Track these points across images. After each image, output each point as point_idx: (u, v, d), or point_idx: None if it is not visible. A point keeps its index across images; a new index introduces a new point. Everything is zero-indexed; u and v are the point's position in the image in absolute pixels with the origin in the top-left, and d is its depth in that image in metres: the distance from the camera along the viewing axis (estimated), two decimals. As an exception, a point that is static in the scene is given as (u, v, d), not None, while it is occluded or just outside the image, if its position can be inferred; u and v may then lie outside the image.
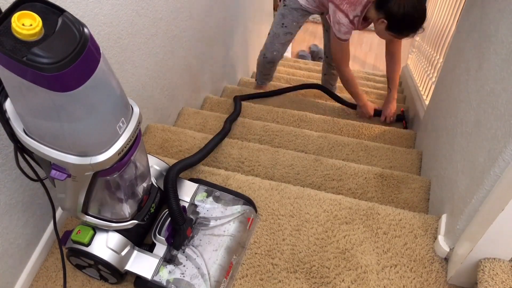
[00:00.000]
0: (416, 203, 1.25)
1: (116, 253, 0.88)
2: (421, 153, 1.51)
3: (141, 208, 0.92)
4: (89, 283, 0.98)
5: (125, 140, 0.68)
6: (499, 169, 0.77)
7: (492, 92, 0.89)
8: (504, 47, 0.88)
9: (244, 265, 1.00)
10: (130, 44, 1.21)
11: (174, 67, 1.57)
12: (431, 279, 0.96)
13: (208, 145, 1.30)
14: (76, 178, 0.69)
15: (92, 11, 1.00)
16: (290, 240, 1.04)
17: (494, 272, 0.82)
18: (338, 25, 1.58)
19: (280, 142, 1.59)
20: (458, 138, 1.07)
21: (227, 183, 1.18)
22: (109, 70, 0.62)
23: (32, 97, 0.55)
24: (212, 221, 1.01)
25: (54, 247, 1.06)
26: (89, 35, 0.56)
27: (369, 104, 1.92)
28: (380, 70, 3.61)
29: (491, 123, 0.86)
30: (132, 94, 1.31)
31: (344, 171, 1.33)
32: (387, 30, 1.54)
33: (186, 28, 1.60)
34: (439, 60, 2.00)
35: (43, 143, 0.63)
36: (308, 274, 0.98)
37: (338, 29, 1.59)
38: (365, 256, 1.00)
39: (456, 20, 1.83)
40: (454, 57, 1.34)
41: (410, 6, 1.44)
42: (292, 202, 1.12)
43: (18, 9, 0.52)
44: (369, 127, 1.77)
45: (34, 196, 0.96)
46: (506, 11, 0.91)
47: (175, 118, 1.73)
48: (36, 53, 0.50)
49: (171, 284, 0.89)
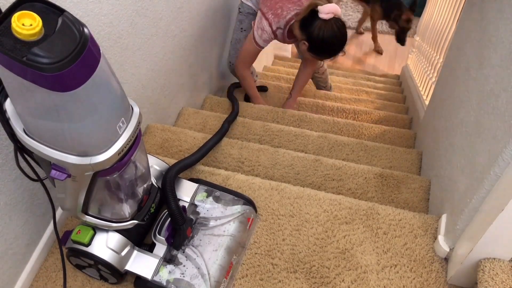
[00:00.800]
0: (416, 203, 1.25)
1: (116, 253, 0.88)
2: (421, 153, 1.51)
3: (141, 208, 0.92)
4: (89, 283, 0.98)
5: (125, 140, 0.68)
6: (499, 169, 0.77)
7: (492, 92, 0.89)
8: (504, 47, 0.88)
9: (244, 265, 1.00)
10: (130, 44, 1.21)
11: (174, 67, 1.57)
12: (431, 279, 0.96)
13: (207, 144, 1.30)
14: (76, 178, 0.69)
15: (92, 11, 1.00)
16: (290, 240, 1.04)
17: (494, 272, 0.82)
18: (262, 31, 1.65)
19: (280, 142, 1.59)
20: (458, 138, 1.07)
21: (227, 183, 1.18)
22: (109, 70, 0.62)
23: (32, 97, 0.55)
24: (212, 221, 1.01)
25: (54, 247, 1.06)
26: (89, 35, 0.56)
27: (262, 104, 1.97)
28: (380, 70, 3.61)
29: (491, 123, 0.86)
30: (132, 94, 1.31)
31: (344, 171, 1.33)
32: (308, 51, 1.61)
33: (186, 28, 1.60)
34: (439, 60, 2.00)
35: (43, 143, 0.63)
36: (308, 274, 0.98)
37: (260, 34, 1.67)
38: (365, 256, 1.00)
39: (456, 20, 1.83)
40: (454, 57, 1.34)
41: (330, 32, 1.50)
42: (292, 202, 1.12)
43: (18, 9, 0.53)
44: (369, 127, 1.77)
45: (34, 196, 0.95)
46: (506, 11, 0.91)
47: (175, 118, 1.73)
48: (36, 53, 0.50)
49: (171, 284, 0.89)
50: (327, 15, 1.46)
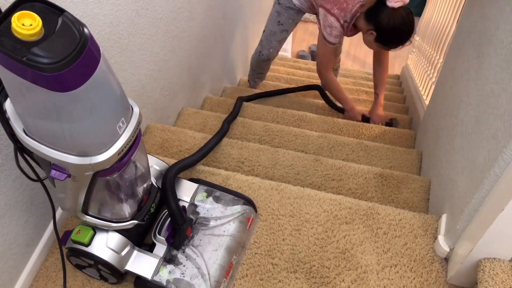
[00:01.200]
0: (416, 203, 1.25)
1: (116, 253, 0.88)
2: (421, 153, 1.51)
3: (141, 208, 0.92)
4: (89, 283, 0.98)
5: (125, 140, 0.68)
6: (499, 169, 0.77)
7: (492, 92, 0.89)
8: (504, 47, 0.88)
9: (244, 265, 1.00)
10: (130, 44, 1.21)
11: (174, 67, 1.57)
12: (431, 279, 0.96)
13: (207, 145, 1.30)
14: (76, 178, 0.69)
15: (92, 11, 1.00)
16: (290, 240, 1.04)
17: (494, 272, 0.82)
18: (330, 28, 1.61)
19: (280, 142, 1.59)
20: (458, 138, 1.07)
21: (227, 183, 1.18)
22: (109, 70, 0.62)
23: (32, 97, 0.55)
24: (212, 221, 1.01)
25: (54, 247, 1.06)
26: (89, 35, 0.56)
27: (357, 109, 1.94)
28: (380, 70, 3.60)
29: (491, 123, 0.86)
30: (132, 94, 1.31)
31: (344, 171, 1.33)
32: (375, 41, 1.59)
33: (186, 28, 1.60)
34: (439, 60, 2.01)
35: (43, 143, 0.63)
36: (308, 274, 0.98)
37: (329, 32, 1.62)
38: (365, 256, 1.00)
39: (456, 20, 1.83)
40: (454, 57, 1.34)
41: (400, 20, 1.48)
42: (292, 202, 1.12)
43: (18, 9, 0.52)
44: (369, 127, 1.77)
45: (34, 196, 0.95)
46: (506, 11, 0.91)
47: (175, 118, 1.73)
48: (36, 53, 0.50)
49: (171, 284, 0.89)
50: (396, 3, 1.44)
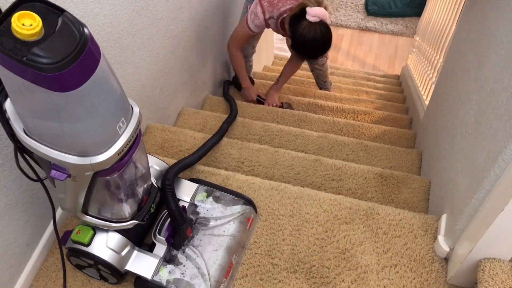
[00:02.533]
0: (416, 203, 1.25)
1: (116, 253, 0.88)
2: (421, 153, 1.51)
3: (141, 208, 0.92)
4: (89, 283, 0.99)
5: (125, 140, 0.68)
6: (499, 169, 0.77)
7: (492, 92, 0.89)
8: (504, 47, 0.88)
9: (244, 265, 1.00)
10: (130, 44, 1.21)
11: (174, 67, 1.57)
12: (431, 279, 0.96)
13: (207, 144, 1.30)
14: (76, 178, 0.69)
15: (92, 11, 1.00)
16: (290, 240, 1.04)
17: (494, 272, 0.82)
18: (255, 16, 1.67)
19: (280, 142, 1.59)
20: (458, 138, 1.07)
21: (227, 183, 1.18)
22: (109, 70, 0.62)
23: (32, 97, 0.55)
24: (212, 221, 1.01)
25: (54, 247, 1.06)
26: (89, 35, 0.56)
27: (253, 88, 2.04)
28: (380, 70, 3.61)
29: (491, 123, 0.86)
30: (132, 94, 1.31)
31: (344, 171, 1.33)
32: (291, 47, 1.64)
33: (186, 28, 1.60)
34: (439, 60, 2.00)
35: (43, 143, 0.63)
36: (308, 274, 0.98)
37: (252, 19, 1.68)
38: (365, 256, 1.00)
39: (456, 20, 1.83)
40: (454, 57, 1.34)
41: (311, 35, 1.50)
42: (292, 202, 1.12)
43: (18, 9, 0.53)
44: (369, 127, 1.77)
45: (34, 196, 0.96)
46: (506, 11, 0.91)
47: (175, 118, 1.73)
48: (36, 53, 0.50)
49: (171, 284, 0.89)
50: (313, 18, 1.47)
